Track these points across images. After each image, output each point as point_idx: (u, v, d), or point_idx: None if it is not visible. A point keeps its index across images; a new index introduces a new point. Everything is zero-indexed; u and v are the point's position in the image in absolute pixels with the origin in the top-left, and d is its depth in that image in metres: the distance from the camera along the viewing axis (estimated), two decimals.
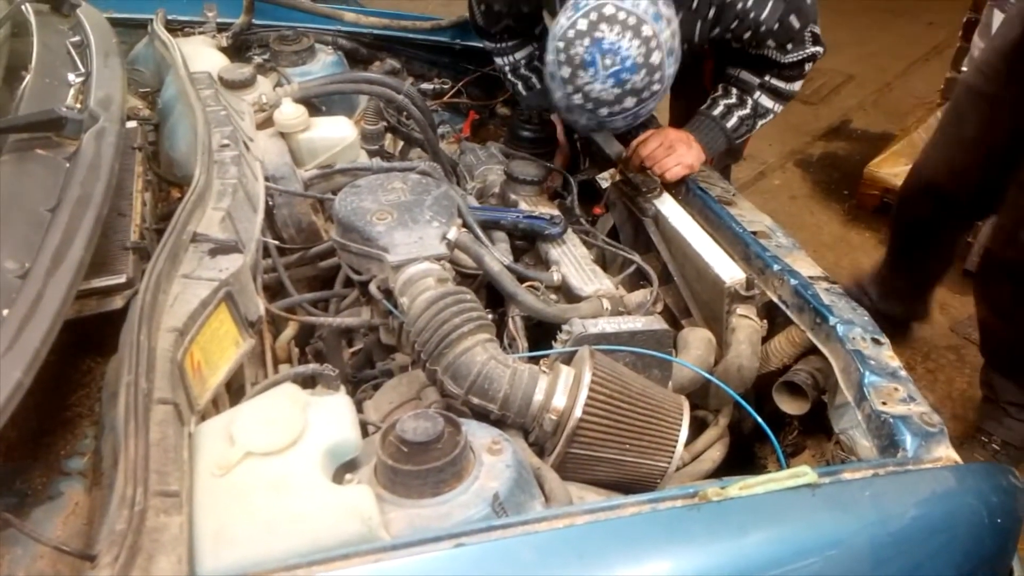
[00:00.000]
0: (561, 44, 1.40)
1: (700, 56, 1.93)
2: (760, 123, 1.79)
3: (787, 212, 3.53)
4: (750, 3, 1.60)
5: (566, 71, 1.41)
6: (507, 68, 1.94)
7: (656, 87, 1.43)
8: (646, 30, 1.36)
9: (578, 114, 1.47)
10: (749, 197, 1.77)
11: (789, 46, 1.67)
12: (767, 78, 1.73)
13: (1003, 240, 2.10)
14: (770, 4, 1.60)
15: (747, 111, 1.75)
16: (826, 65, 4.57)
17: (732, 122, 1.75)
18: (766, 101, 1.75)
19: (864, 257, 3.31)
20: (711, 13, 1.63)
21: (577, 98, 1.43)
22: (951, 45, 3.46)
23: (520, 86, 1.95)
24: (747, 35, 1.65)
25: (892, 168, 3.40)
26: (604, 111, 1.44)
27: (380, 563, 0.77)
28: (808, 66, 1.73)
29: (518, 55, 1.91)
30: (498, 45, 1.91)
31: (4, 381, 0.80)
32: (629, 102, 1.42)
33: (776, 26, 1.63)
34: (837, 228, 3.49)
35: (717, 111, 1.76)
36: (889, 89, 4.51)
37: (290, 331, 1.43)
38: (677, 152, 1.71)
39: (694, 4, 1.61)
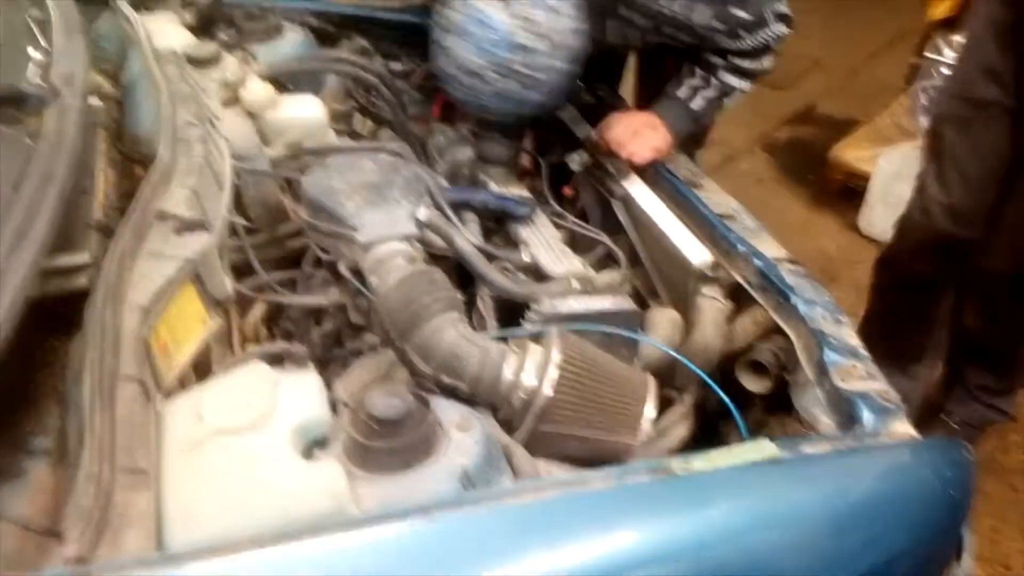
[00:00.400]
0: (442, 10, 1.45)
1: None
2: (727, 102, 1.77)
3: (754, 196, 3.55)
4: (679, 6, 1.58)
5: (440, 35, 1.47)
6: None
7: (523, 70, 1.45)
8: (525, 11, 1.38)
9: (452, 84, 1.52)
10: (717, 181, 1.77)
11: (742, 32, 1.65)
12: (732, 59, 1.71)
13: (1006, 256, 2.01)
14: (699, 5, 1.58)
15: (713, 92, 1.74)
16: (794, 50, 4.60)
17: (697, 103, 1.75)
18: (733, 81, 1.73)
19: (828, 240, 3.37)
20: (643, 21, 1.63)
21: (448, 65, 1.48)
22: (916, 32, 3.51)
23: None
24: (687, 38, 1.65)
25: (856, 152, 3.46)
26: (473, 82, 1.48)
27: (349, 536, 0.77)
28: (774, 44, 1.70)
29: None
30: None
31: None
32: (493, 77, 1.45)
33: (716, 24, 1.61)
34: (802, 211, 3.55)
35: (682, 92, 1.75)
36: (855, 74, 4.57)
37: (258, 311, 1.42)
38: (643, 136, 1.72)
39: (621, 11, 1.62)
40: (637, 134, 1.72)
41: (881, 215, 3.26)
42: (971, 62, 1.91)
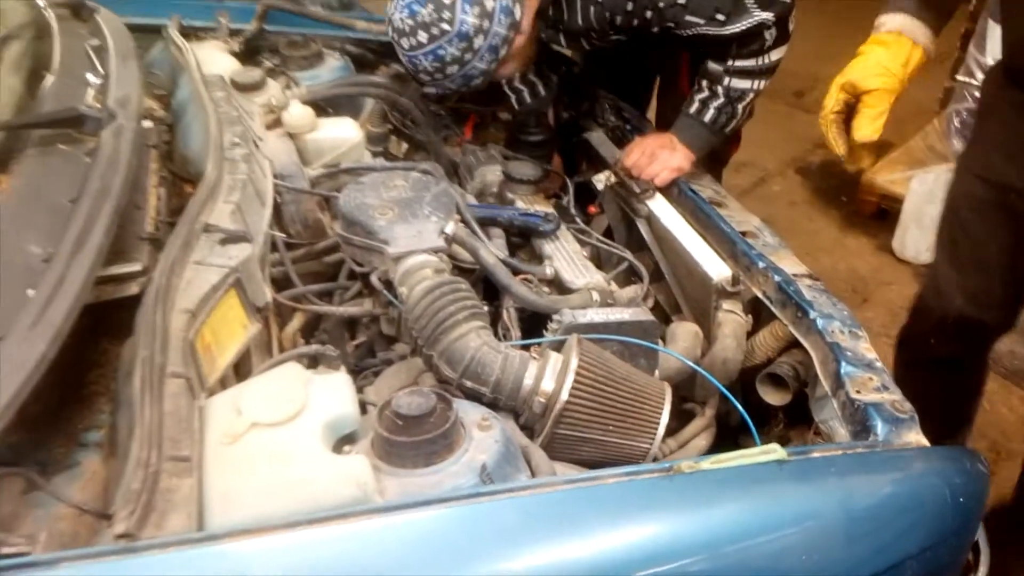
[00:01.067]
0: None
1: (662, 49, 1.97)
2: (740, 107, 1.77)
3: (786, 218, 3.59)
4: None
5: (388, 6, 1.63)
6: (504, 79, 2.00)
7: (445, 27, 1.56)
8: None
9: (397, 51, 1.67)
10: (748, 203, 1.79)
11: (720, 17, 1.64)
12: (730, 62, 1.71)
13: None
14: None
15: (721, 100, 1.75)
16: (827, 74, 4.63)
17: (709, 115, 1.77)
18: (739, 83, 1.73)
19: (861, 262, 3.37)
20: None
21: (390, 31, 1.64)
22: (951, 55, 3.51)
23: (513, 99, 2.03)
24: (650, 14, 1.67)
25: (890, 175, 3.46)
26: (405, 43, 1.62)
27: (372, 522, 0.83)
28: (768, 35, 1.67)
29: None
30: None
31: (30, 353, 0.87)
32: (422, 36, 1.58)
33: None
34: (835, 233, 3.56)
35: (693, 108, 1.79)
36: None
37: (296, 322, 1.50)
38: (660, 158, 1.76)
39: None
40: (654, 157, 1.76)
41: (915, 237, 3.25)
42: (989, 139, 1.72)
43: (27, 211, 1.10)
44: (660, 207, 1.77)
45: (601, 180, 1.90)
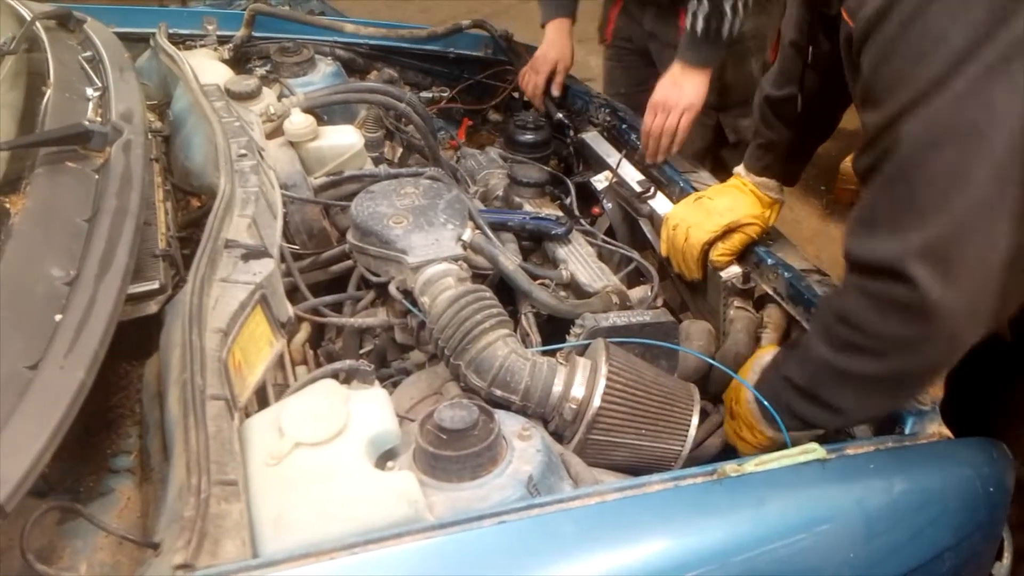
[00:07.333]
0: None
1: None
2: (727, 6, 1.71)
3: None
4: None
5: None
6: None
7: None
8: None
9: None
10: None
11: None
12: None
13: None
14: None
15: (706, 7, 1.72)
16: None
17: (700, 26, 1.74)
18: None
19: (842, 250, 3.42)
20: None
21: None
22: None
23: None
24: None
25: None
26: None
27: (431, 541, 0.82)
28: None
29: None
30: None
31: (69, 381, 0.85)
32: None
33: None
34: (816, 223, 3.60)
35: (687, 24, 1.76)
36: None
37: (303, 334, 1.48)
38: (668, 107, 1.76)
39: None
40: (664, 111, 1.76)
41: None
42: None
43: (43, 232, 1.07)
44: (662, 206, 1.78)
45: (601, 180, 1.90)
